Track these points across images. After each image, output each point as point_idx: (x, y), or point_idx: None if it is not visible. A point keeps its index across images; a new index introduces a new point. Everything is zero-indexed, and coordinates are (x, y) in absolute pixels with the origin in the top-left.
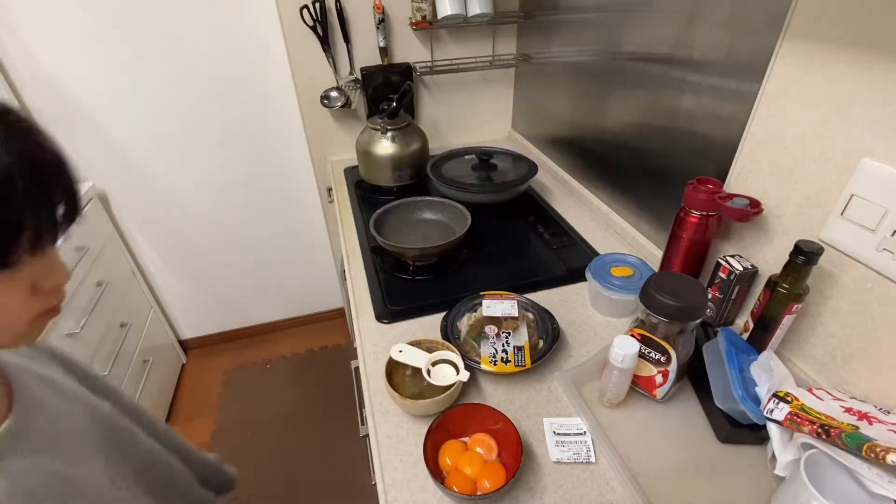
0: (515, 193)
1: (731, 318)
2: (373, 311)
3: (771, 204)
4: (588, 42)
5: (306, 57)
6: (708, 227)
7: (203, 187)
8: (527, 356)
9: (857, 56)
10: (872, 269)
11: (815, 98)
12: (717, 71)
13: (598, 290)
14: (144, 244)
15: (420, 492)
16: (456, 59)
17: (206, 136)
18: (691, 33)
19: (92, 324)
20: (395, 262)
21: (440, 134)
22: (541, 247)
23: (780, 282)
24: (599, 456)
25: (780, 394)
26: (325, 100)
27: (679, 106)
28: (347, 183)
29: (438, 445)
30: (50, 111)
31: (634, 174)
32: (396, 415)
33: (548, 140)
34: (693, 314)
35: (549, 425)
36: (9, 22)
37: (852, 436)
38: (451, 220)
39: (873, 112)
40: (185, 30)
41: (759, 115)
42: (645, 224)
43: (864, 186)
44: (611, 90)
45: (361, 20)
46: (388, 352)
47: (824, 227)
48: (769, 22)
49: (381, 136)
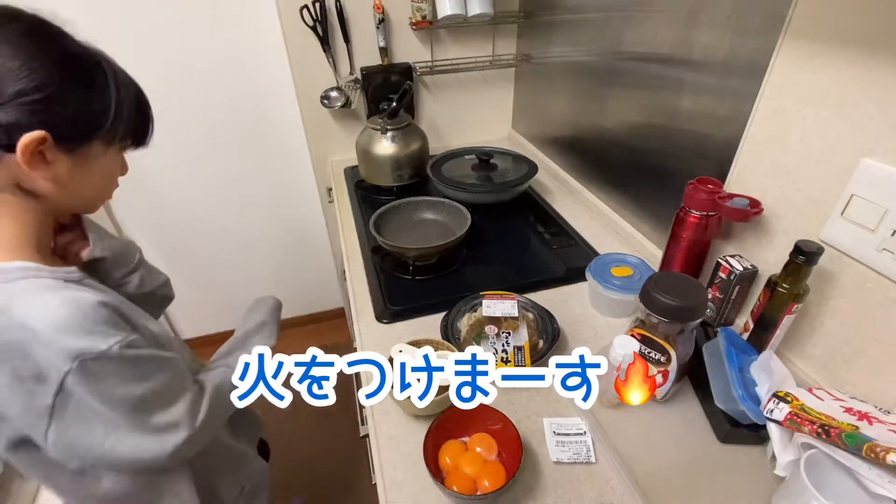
0: (515, 193)
1: (731, 318)
2: (373, 311)
3: (771, 204)
4: (588, 42)
5: (306, 57)
6: (708, 227)
7: (203, 187)
8: (527, 356)
9: (857, 56)
10: (872, 269)
11: (815, 98)
12: (717, 71)
13: (598, 290)
14: (145, 244)
15: (420, 492)
16: (456, 59)
17: (206, 136)
18: (691, 33)
19: None
20: (395, 262)
21: (440, 134)
22: (541, 247)
23: (780, 282)
24: (599, 456)
25: (780, 394)
26: (325, 100)
27: (679, 106)
28: (347, 183)
29: (438, 445)
30: None
31: (634, 174)
32: (396, 415)
33: (548, 140)
34: (693, 314)
35: (549, 425)
36: None
37: (852, 436)
38: (451, 220)
39: (873, 112)
40: (185, 30)
41: (759, 115)
42: (645, 224)
43: (864, 186)
44: (611, 90)
45: (361, 20)
46: (388, 352)
47: (824, 227)
48: (769, 22)
49: (381, 136)
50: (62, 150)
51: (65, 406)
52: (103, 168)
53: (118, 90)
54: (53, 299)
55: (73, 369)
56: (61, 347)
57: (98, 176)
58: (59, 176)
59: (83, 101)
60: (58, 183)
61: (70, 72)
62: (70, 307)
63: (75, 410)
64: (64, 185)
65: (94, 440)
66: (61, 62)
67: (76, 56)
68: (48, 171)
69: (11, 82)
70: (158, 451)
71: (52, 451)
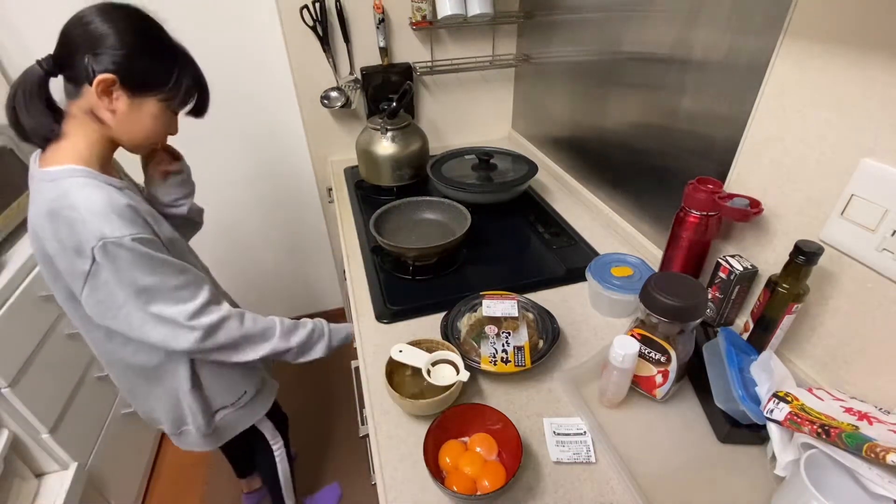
0: (515, 193)
1: (731, 318)
2: (373, 311)
3: (771, 204)
4: (588, 42)
5: (306, 57)
6: (708, 227)
7: (203, 187)
8: (527, 356)
9: (857, 56)
10: (872, 269)
11: (815, 98)
12: (717, 71)
13: (598, 290)
14: None
15: (420, 492)
16: (456, 59)
17: (205, 135)
18: (691, 33)
19: None
20: (395, 262)
21: (440, 134)
22: (541, 247)
23: (780, 282)
24: (599, 456)
25: (780, 394)
26: (325, 100)
27: (679, 106)
28: (347, 183)
29: (438, 445)
30: None
31: (634, 174)
32: (396, 415)
33: (548, 140)
34: (693, 314)
35: (549, 425)
36: (9, 22)
37: (852, 436)
38: (451, 220)
39: (873, 112)
40: (185, 31)
41: (759, 115)
42: (645, 224)
43: (864, 186)
44: (611, 90)
45: (361, 20)
46: (388, 352)
47: (824, 227)
48: (769, 22)
49: (381, 136)
50: (124, 91)
51: (96, 275)
52: (153, 119)
53: (180, 70)
54: (95, 193)
55: (96, 247)
56: (92, 227)
57: (148, 122)
58: (118, 110)
59: (149, 65)
60: (116, 115)
61: (147, 44)
62: (105, 200)
63: (102, 281)
64: (120, 120)
65: (111, 309)
66: (143, 37)
67: (155, 37)
68: (111, 105)
69: (107, 40)
70: (156, 338)
71: (86, 307)
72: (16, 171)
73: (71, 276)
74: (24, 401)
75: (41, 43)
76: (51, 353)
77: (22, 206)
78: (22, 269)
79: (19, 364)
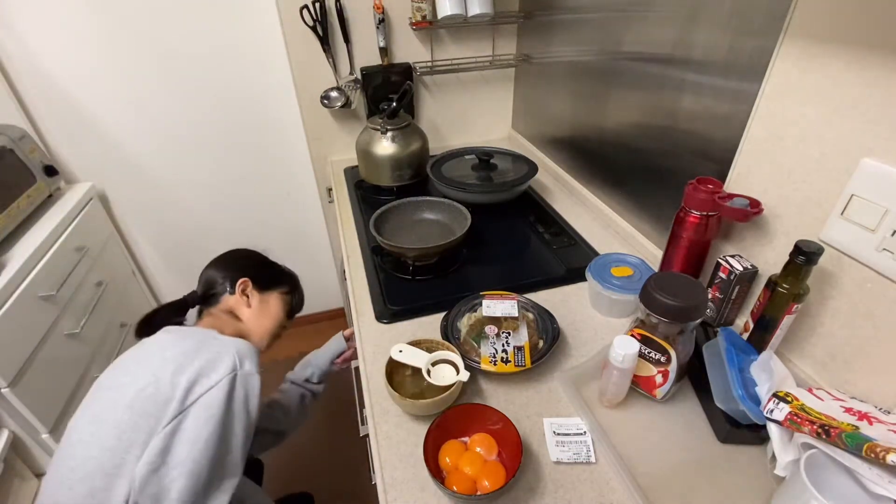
0: (515, 193)
1: (731, 318)
2: (373, 311)
3: (771, 204)
4: (588, 42)
5: (306, 57)
6: (708, 227)
7: (203, 187)
8: (527, 356)
9: (857, 56)
10: (872, 269)
11: (815, 98)
12: (717, 71)
13: (598, 290)
14: (144, 244)
15: (420, 492)
16: (456, 59)
17: (206, 136)
18: (691, 33)
19: (92, 324)
20: (395, 262)
21: (440, 134)
22: (541, 247)
23: (780, 282)
24: (599, 456)
25: (780, 394)
26: (325, 100)
27: (679, 106)
28: (347, 183)
29: (438, 445)
30: (50, 112)
31: (634, 174)
32: (396, 415)
33: (548, 140)
34: (693, 314)
35: (549, 425)
36: (9, 22)
37: (852, 436)
38: (451, 220)
39: (873, 112)
40: (185, 31)
41: (759, 115)
42: (645, 224)
43: (864, 186)
44: (611, 90)
45: (361, 20)
46: (388, 352)
47: (824, 227)
48: (769, 22)
49: (381, 136)
50: (256, 289)
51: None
52: (276, 311)
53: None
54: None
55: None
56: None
57: (274, 313)
58: (253, 305)
59: (270, 275)
60: (251, 309)
61: (263, 265)
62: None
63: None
64: (254, 313)
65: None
66: (258, 262)
67: (266, 262)
68: (247, 301)
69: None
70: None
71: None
72: (16, 171)
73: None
74: (24, 401)
75: (42, 43)
76: (51, 353)
77: (22, 206)
78: (22, 269)
79: (19, 364)
